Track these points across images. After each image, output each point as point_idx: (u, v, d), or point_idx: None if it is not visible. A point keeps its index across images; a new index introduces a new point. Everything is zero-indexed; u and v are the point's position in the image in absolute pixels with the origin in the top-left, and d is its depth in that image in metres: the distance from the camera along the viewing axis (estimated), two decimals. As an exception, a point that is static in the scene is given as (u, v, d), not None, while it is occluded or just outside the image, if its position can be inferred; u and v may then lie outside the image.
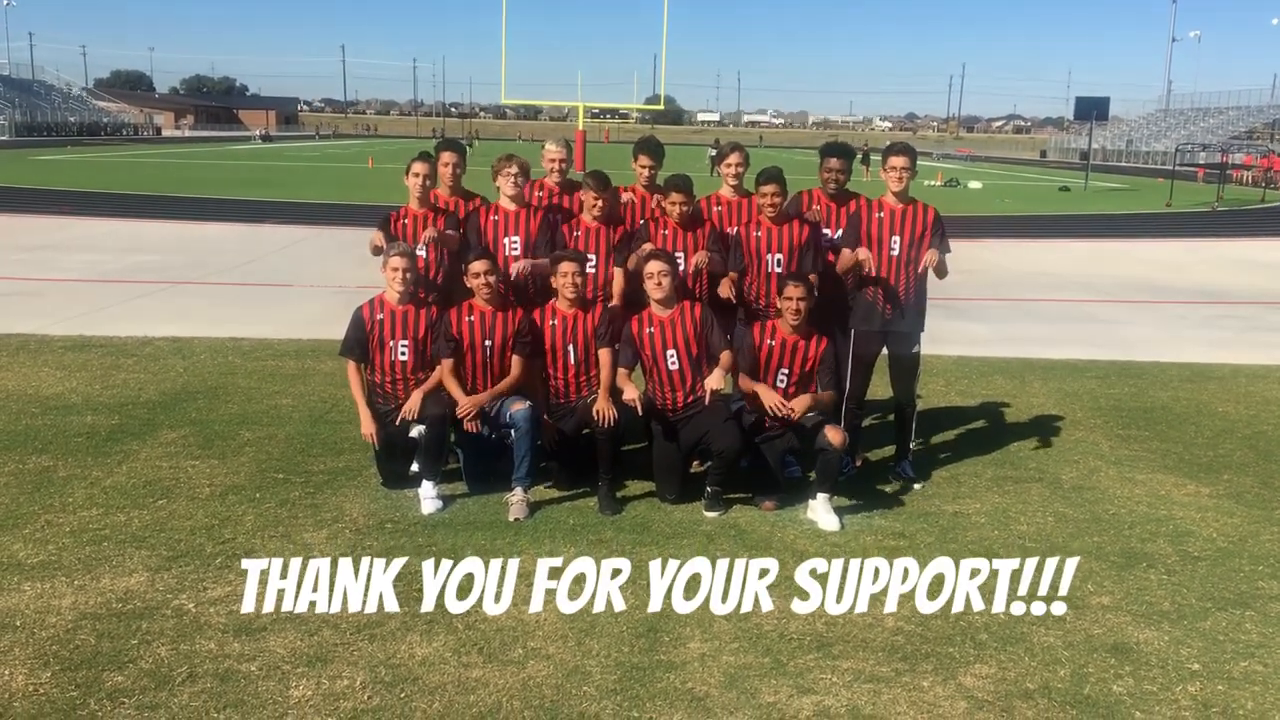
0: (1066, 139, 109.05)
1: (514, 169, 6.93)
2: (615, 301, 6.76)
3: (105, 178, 37.66)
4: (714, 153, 51.04)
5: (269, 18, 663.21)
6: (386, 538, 5.75)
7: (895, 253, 6.71)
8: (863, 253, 6.56)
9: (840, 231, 6.89)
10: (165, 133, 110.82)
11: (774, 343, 6.35)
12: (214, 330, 11.30)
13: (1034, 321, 13.53)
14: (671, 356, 6.34)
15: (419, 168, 6.88)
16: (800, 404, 6.15)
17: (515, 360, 6.41)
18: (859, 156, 52.85)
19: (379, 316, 6.55)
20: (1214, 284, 17.39)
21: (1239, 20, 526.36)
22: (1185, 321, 13.85)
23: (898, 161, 6.71)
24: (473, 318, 6.38)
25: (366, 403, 6.50)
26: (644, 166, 7.11)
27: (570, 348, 6.46)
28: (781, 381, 6.37)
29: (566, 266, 6.41)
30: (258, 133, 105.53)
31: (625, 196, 7.18)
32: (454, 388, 6.33)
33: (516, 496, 6.17)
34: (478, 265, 6.37)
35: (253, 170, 46.64)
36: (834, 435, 6.11)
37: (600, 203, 6.79)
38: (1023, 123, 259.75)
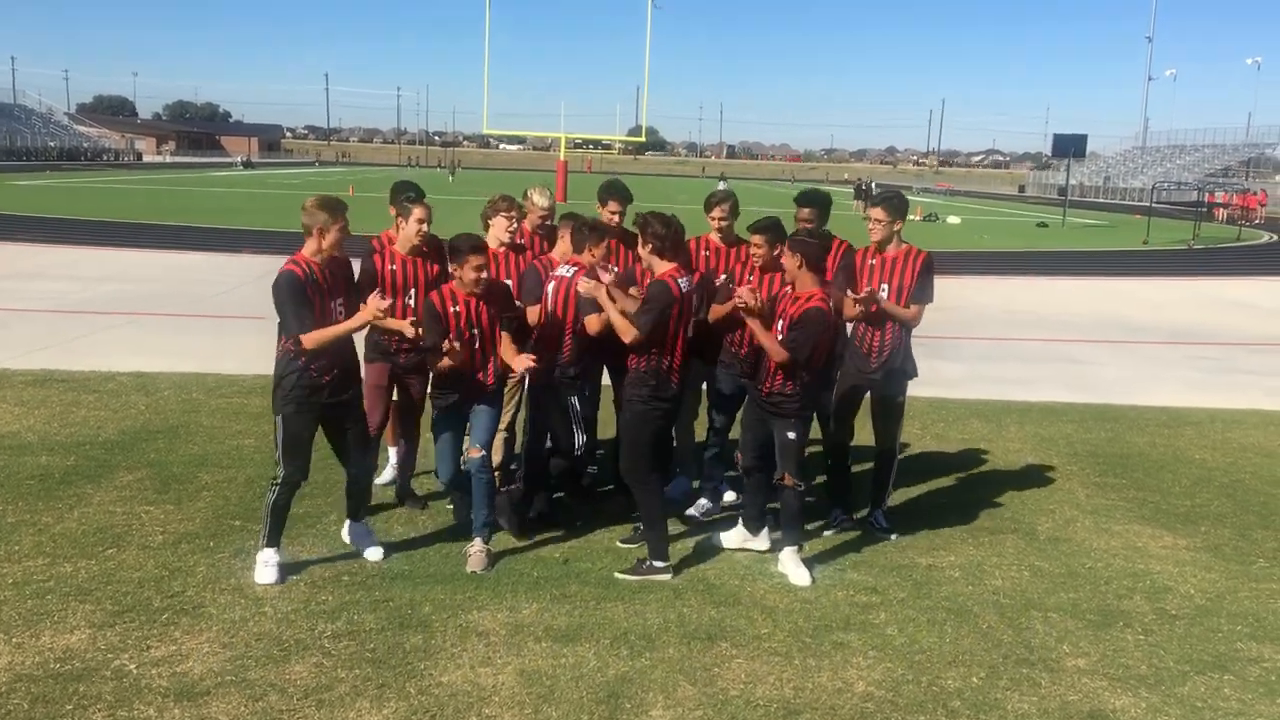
0: (1045, 175, 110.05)
1: (513, 214, 6.85)
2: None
3: (81, 204, 37.32)
4: (723, 186, 51.25)
5: (253, 44, 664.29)
6: (342, 591, 5.55)
7: (884, 300, 6.59)
8: (850, 298, 6.46)
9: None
10: (146, 158, 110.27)
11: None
12: (180, 364, 11.09)
13: (1011, 361, 13.47)
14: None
15: (421, 213, 6.52)
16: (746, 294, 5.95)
17: (505, 337, 6.21)
18: (859, 190, 53.19)
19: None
20: (1189, 323, 17.40)
21: (1214, 60, 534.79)
22: (1161, 362, 13.81)
23: (876, 213, 6.62)
24: (457, 307, 5.98)
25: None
26: (613, 212, 6.98)
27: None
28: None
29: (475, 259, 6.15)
30: (240, 159, 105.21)
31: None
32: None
33: (476, 547, 5.99)
34: (478, 259, 6.14)
35: (233, 197, 46.39)
36: (789, 480, 6.02)
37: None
38: (1001, 157, 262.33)
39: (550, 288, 6.37)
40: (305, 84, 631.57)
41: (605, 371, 6.85)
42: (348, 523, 6.17)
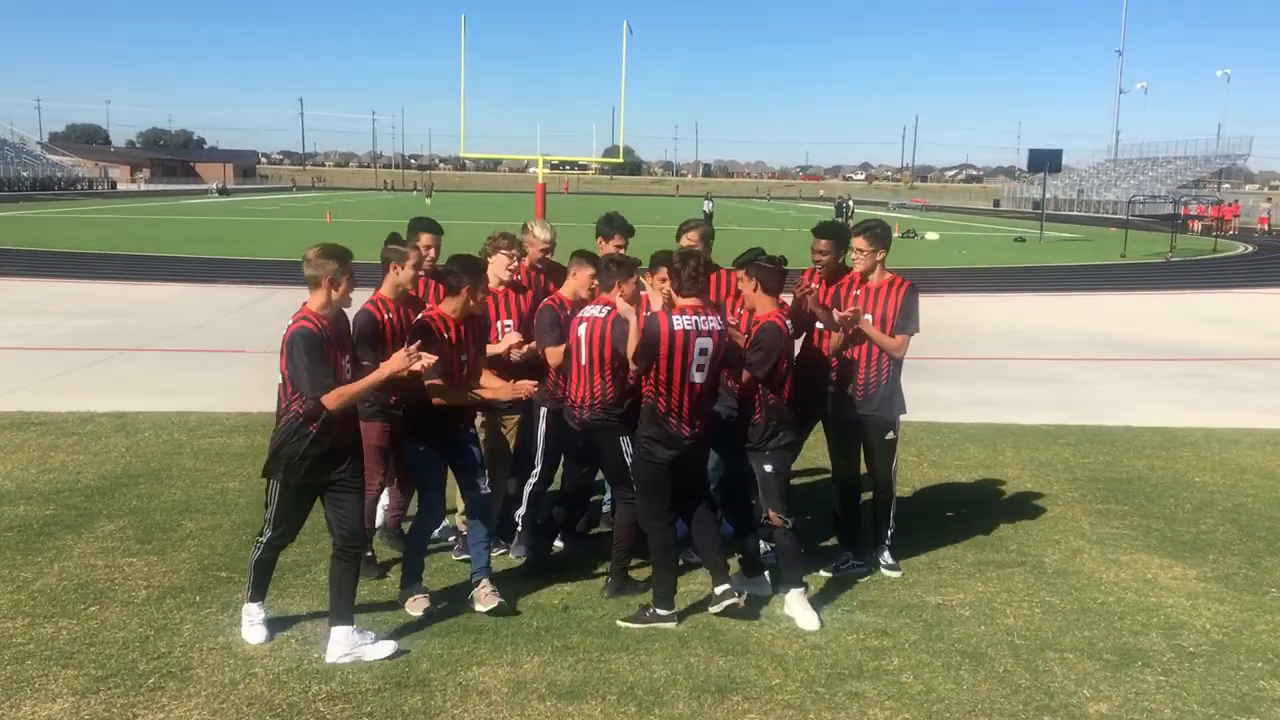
0: (1019, 188, 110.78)
1: (514, 251, 6.68)
2: None
3: (55, 235, 36.94)
4: (708, 207, 51.15)
5: (228, 70, 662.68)
6: (336, 648, 5.34)
7: (870, 326, 6.46)
8: (837, 314, 6.30)
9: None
10: (121, 186, 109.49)
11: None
12: (161, 403, 10.85)
13: (1001, 382, 13.38)
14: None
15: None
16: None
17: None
18: (840, 208, 53.18)
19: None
20: (1175, 339, 17.39)
21: (1184, 72, 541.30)
22: (1151, 380, 13.75)
23: (858, 243, 6.47)
24: (448, 333, 5.76)
25: None
26: (617, 246, 6.82)
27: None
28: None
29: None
30: (214, 186, 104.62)
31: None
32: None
33: (484, 590, 5.80)
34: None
35: (209, 226, 46.03)
36: (774, 518, 5.88)
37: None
38: (975, 171, 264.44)
39: (582, 330, 6.06)
40: (280, 109, 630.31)
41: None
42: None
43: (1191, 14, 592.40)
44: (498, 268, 6.58)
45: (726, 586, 5.72)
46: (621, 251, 6.73)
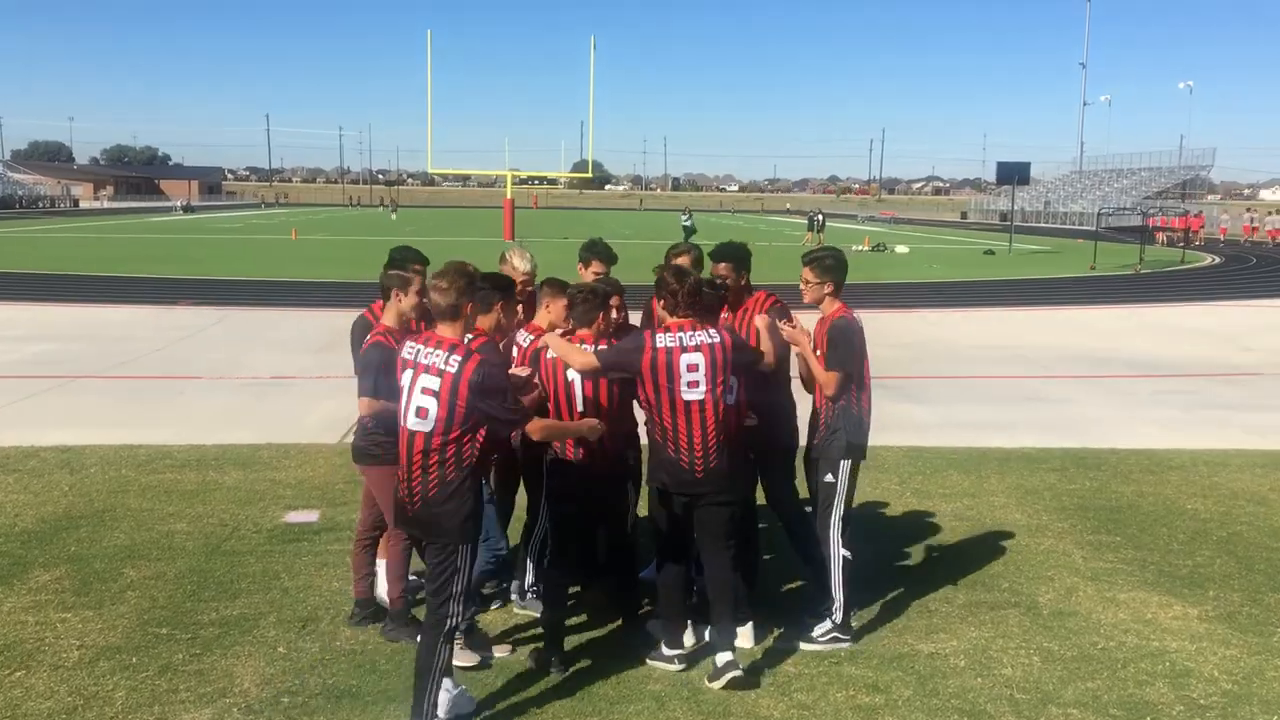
0: (986, 200, 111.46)
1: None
2: None
3: (7, 256, 36.03)
4: (687, 221, 50.80)
5: (193, 86, 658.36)
6: (281, 717, 4.91)
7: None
8: (786, 331, 5.81)
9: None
10: (84, 204, 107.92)
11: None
12: (110, 435, 10.35)
13: (979, 403, 13.08)
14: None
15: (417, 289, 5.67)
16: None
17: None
18: (813, 222, 52.94)
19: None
20: (1152, 354, 17.19)
21: (1147, 84, 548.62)
22: (1132, 399, 13.51)
23: (805, 274, 5.95)
24: None
25: None
26: (595, 274, 6.41)
27: None
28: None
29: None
30: (179, 203, 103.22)
31: None
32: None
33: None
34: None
35: (170, 245, 45.23)
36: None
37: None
38: (941, 184, 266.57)
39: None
40: (247, 125, 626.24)
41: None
42: None
43: (1154, 27, 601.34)
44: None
45: (730, 657, 5.30)
46: (600, 277, 6.31)
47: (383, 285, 5.77)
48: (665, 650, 5.44)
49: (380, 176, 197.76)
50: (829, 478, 5.86)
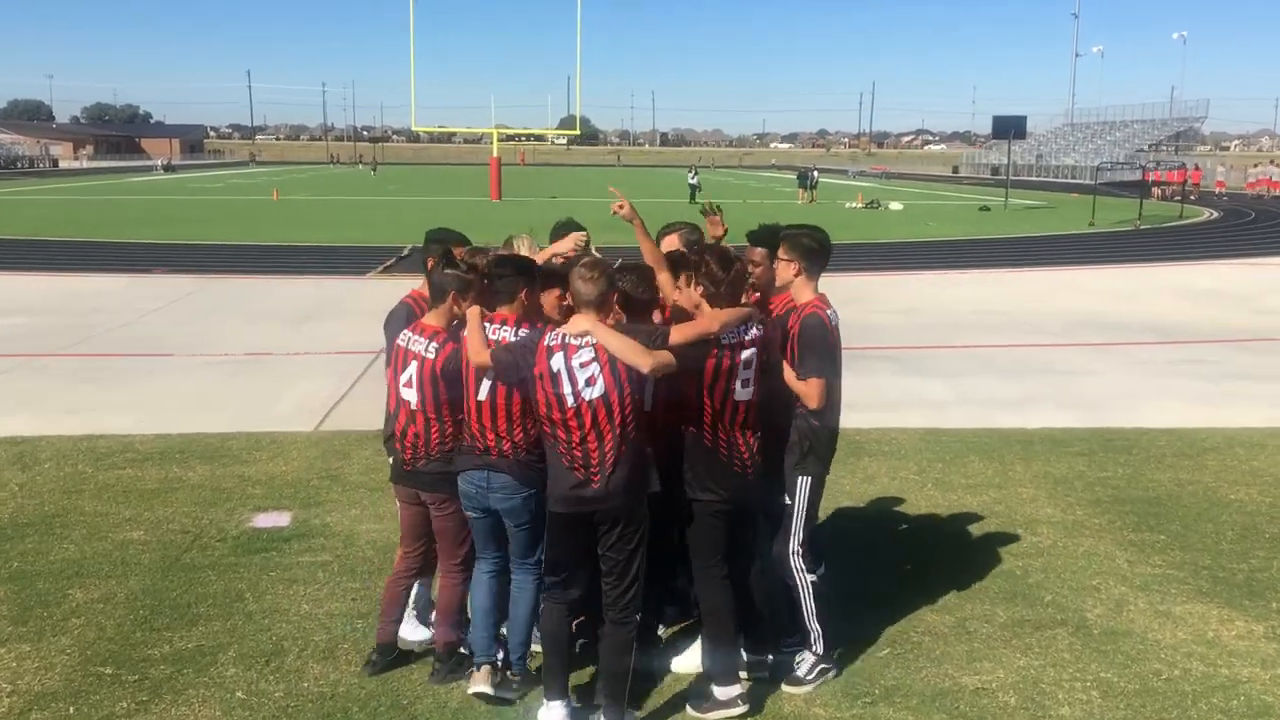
0: (977, 154, 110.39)
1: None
2: None
3: (-17, 220, 35.00)
4: (694, 180, 49.67)
5: (174, 42, 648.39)
6: (238, 787, 4.26)
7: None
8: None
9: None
10: (63, 164, 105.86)
11: None
12: (68, 424, 9.63)
13: (992, 375, 12.39)
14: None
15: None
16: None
17: None
18: (805, 178, 51.83)
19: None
20: (1165, 318, 16.52)
21: (1140, 35, 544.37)
22: (1151, 368, 12.86)
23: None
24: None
25: None
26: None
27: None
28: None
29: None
30: (159, 162, 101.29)
31: None
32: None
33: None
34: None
35: (149, 206, 44.16)
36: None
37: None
38: (931, 137, 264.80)
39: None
40: (228, 81, 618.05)
41: None
42: None
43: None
44: None
45: (738, 691, 4.65)
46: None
47: (437, 283, 4.92)
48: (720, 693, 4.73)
49: (365, 133, 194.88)
50: (785, 498, 5.07)
